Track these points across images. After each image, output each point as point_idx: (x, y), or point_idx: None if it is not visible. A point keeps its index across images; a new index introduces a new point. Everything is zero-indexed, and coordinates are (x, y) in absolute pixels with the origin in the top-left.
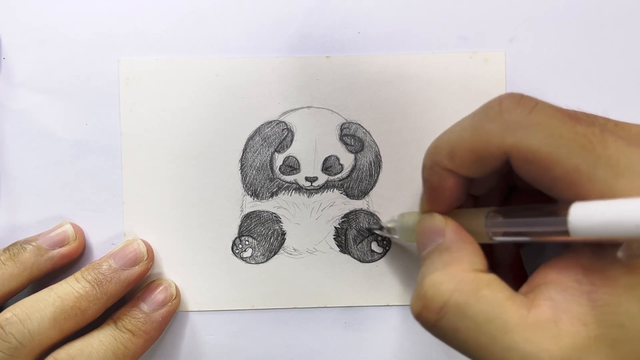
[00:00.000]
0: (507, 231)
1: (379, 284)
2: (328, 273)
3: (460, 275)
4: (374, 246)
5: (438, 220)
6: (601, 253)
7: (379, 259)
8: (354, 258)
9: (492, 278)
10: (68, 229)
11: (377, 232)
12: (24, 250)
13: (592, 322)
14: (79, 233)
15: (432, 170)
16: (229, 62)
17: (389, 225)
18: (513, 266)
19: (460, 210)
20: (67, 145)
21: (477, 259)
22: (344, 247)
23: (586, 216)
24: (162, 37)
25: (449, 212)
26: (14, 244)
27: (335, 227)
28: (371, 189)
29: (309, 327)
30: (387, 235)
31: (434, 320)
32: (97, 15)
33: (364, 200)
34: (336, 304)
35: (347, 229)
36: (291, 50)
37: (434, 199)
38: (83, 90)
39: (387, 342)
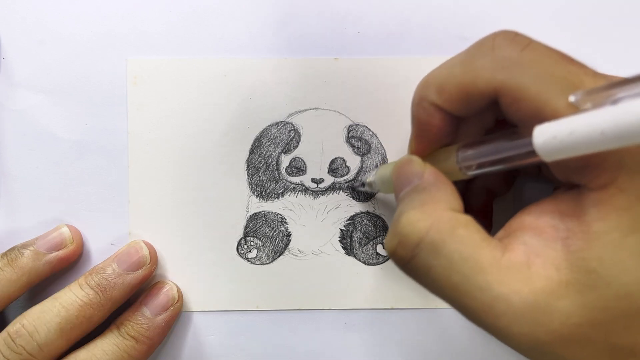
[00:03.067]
0: (479, 162)
1: (383, 287)
2: (333, 275)
3: (437, 213)
4: (380, 249)
5: (416, 163)
6: (580, 199)
7: (384, 261)
8: (359, 261)
9: (469, 219)
10: (65, 231)
11: (360, 189)
12: (21, 255)
13: (565, 267)
14: (76, 235)
15: (420, 105)
16: (237, 62)
17: (369, 180)
18: (482, 214)
19: (434, 152)
20: (69, 145)
21: (454, 199)
22: (349, 250)
23: (549, 132)
24: (171, 36)
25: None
26: (12, 249)
27: (340, 229)
28: (377, 191)
29: (310, 328)
30: (368, 190)
31: (408, 257)
32: (106, 15)
33: (369, 202)
34: (340, 307)
35: (352, 232)
36: (299, 52)
37: (421, 136)
38: (89, 89)
39: (387, 344)
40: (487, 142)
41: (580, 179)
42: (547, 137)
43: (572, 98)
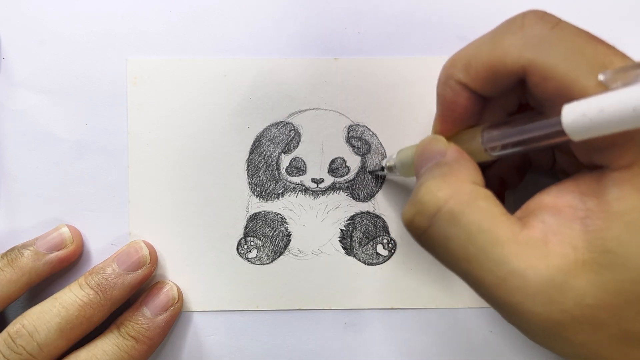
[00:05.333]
0: (504, 143)
1: (383, 287)
2: (333, 275)
3: (458, 184)
4: (380, 249)
5: (440, 141)
6: (601, 179)
7: (384, 261)
8: (359, 261)
9: (489, 193)
10: (65, 232)
11: (379, 173)
12: (21, 256)
13: (582, 246)
14: (76, 236)
15: (446, 84)
16: (237, 62)
17: (389, 164)
18: None
19: (458, 133)
20: (69, 145)
21: (476, 174)
22: (349, 250)
23: (579, 110)
24: (171, 36)
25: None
26: (12, 249)
27: (340, 229)
28: (377, 191)
29: (310, 328)
30: (388, 174)
31: (425, 226)
32: (106, 15)
33: (369, 202)
34: (340, 307)
35: (352, 231)
36: (299, 52)
37: (446, 116)
38: (89, 89)
39: (387, 345)
40: (513, 122)
41: (603, 160)
42: (576, 115)
43: (601, 77)
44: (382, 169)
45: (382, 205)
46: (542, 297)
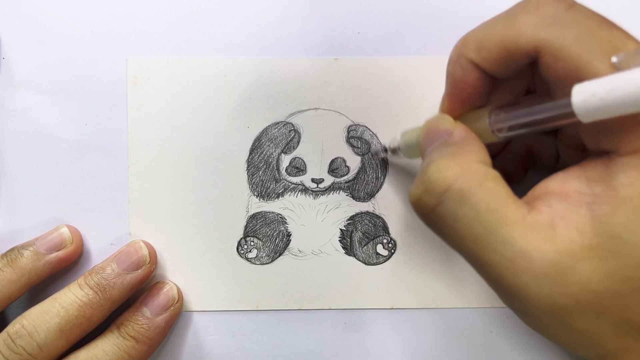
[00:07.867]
0: (512, 125)
1: (383, 287)
2: (333, 275)
3: (467, 164)
4: (380, 249)
5: (447, 121)
6: (609, 165)
7: (384, 261)
8: (359, 260)
9: (497, 174)
10: (65, 232)
11: (383, 156)
12: (21, 256)
13: (589, 231)
14: (76, 236)
15: (457, 63)
16: (238, 62)
17: (392, 146)
18: None
19: (465, 113)
20: (69, 145)
21: (484, 154)
22: (349, 250)
23: (589, 90)
24: (171, 36)
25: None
26: (12, 250)
27: (340, 229)
28: (377, 191)
29: (310, 328)
30: (392, 156)
31: (433, 205)
32: (106, 15)
33: (369, 202)
34: (340, 306)
35: (352, 231)
36: (299, 52)
37: (455, 95)
38: (89, 89)
39: (387, 345)
40: (521, 103)
41: (611, 145)
42: (586, 94)
43: (614, 59)
44: (386, 150)
45: (382, 205)
46: (548, 279)
